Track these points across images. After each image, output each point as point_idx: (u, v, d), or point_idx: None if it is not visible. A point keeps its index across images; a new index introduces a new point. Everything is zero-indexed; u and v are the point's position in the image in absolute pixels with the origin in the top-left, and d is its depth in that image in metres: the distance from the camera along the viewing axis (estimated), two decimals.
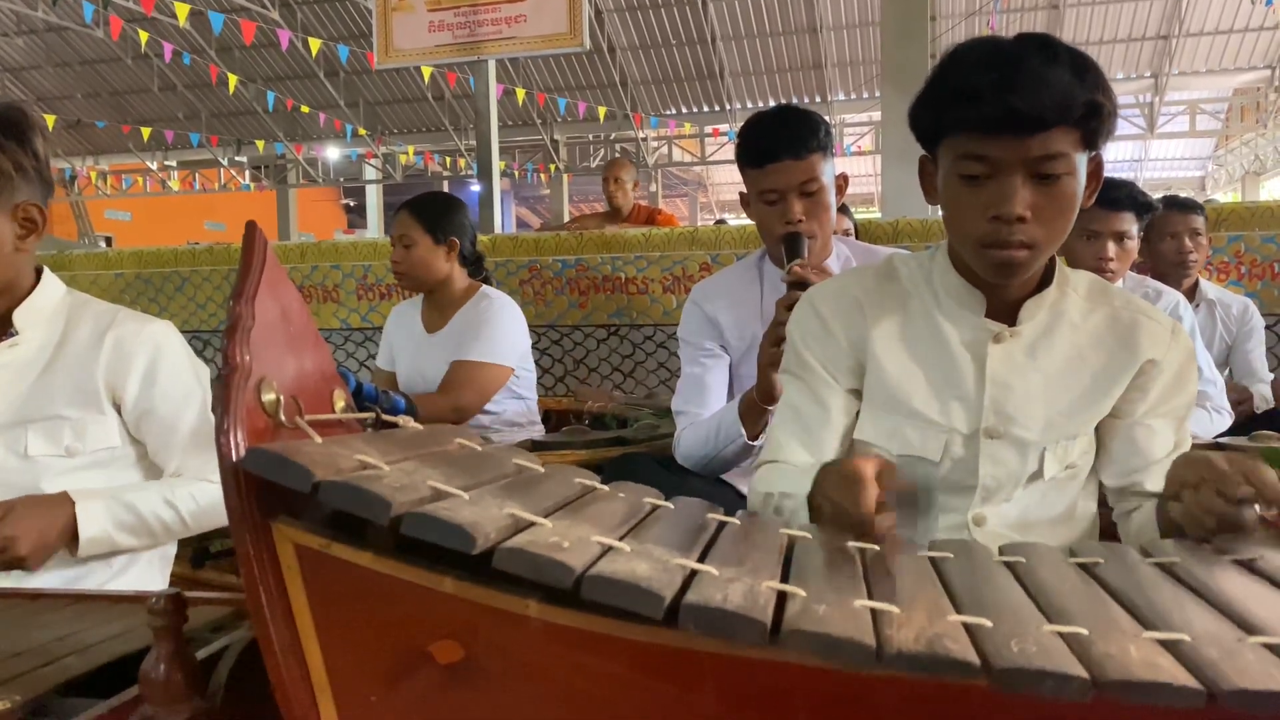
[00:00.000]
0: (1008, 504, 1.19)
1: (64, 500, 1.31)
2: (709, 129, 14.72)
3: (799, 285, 1.55)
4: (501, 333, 2.36)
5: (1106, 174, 1.14)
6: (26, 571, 1.26)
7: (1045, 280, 1.17)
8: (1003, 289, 1.15)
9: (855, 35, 12.59)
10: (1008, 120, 1.00)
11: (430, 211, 2.40)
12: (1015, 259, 1.07)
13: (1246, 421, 2.38)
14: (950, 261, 1.19)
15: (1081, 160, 1.06)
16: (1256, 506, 0.84)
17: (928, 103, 1.10)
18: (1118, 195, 2.21)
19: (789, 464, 1.20)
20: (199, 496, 1.41)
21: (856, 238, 2.69)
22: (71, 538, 1.31)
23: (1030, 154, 1.02)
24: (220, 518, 1.42)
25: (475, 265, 2.50)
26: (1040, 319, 1.17)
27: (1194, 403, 1.21)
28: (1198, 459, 0.93)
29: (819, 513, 0.97)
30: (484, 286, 2.49)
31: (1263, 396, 2.53)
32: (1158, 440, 1.18)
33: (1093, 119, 1.02)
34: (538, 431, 2.50)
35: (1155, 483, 1.16)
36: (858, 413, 1.23)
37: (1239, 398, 2.47)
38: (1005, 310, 1.17)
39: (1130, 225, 2.24)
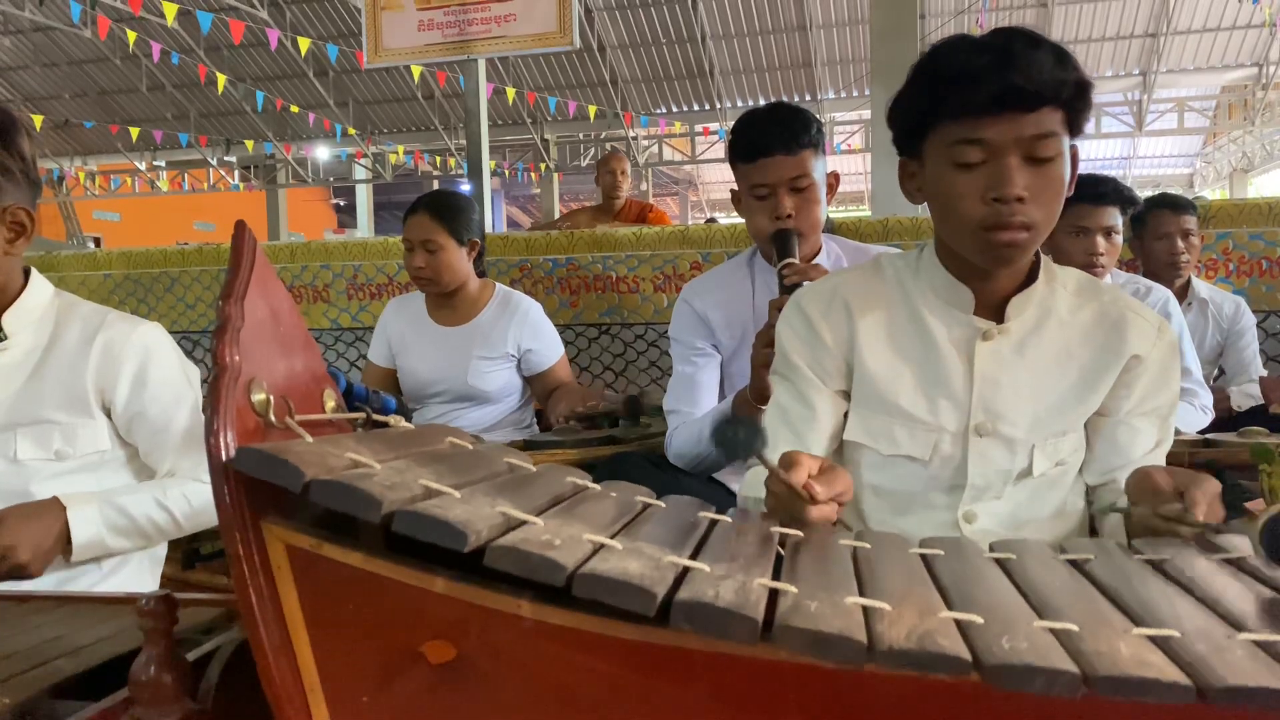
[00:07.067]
0: (998, 501, 1.19)
1: (55, 506, 1.30)
2: (699, 128, 14.72)
3: (793, 286, 1.55)
4: (553, 330, 2.52)
5: (1091, 170, 1.16)
6: (28, 579, 1.25)
7: (1031, 276, 1.17)
8: (991, 285, 1.16)
9: (845, 34, 12.60)
10: (1007, 97, 1.03)
11: (451, 213, 2.37)
12: (1016, 240, 1.08)
13: (1230, 420, 2.40)
14: (938, 259, 1.19)
15: (1067, 145, 1.08)
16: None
17: (913, 96, 1.11)
18: (1104, 190, 2.23)
19: None
20: (192, 497, 1.40)
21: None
22: (65, 543, 1.30)
23: (1025, 133, 1.04)
24: (214, 518, 1.41)
25: (479, 260, 2.52)
26: (1029, 315, 1.17)
27: (1177, 401, 1.22)
28: (1141, 475, 0.97)
29: (769, 505, 0.97)
30: (496, 283, 2.53)
31: (1246, 394, 2.54)
32: (1139, 440, 1.19)
33: (1079, 99, 1.06)
34: (531, 430, 2.50)
35: None
36: (846, 413, 1.24)
37: (1214, 400, 2.48)
38: (993, 307, 1.17)
39: (1116, 219, 2.27)
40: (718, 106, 13.85)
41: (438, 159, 15.40)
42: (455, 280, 2.40)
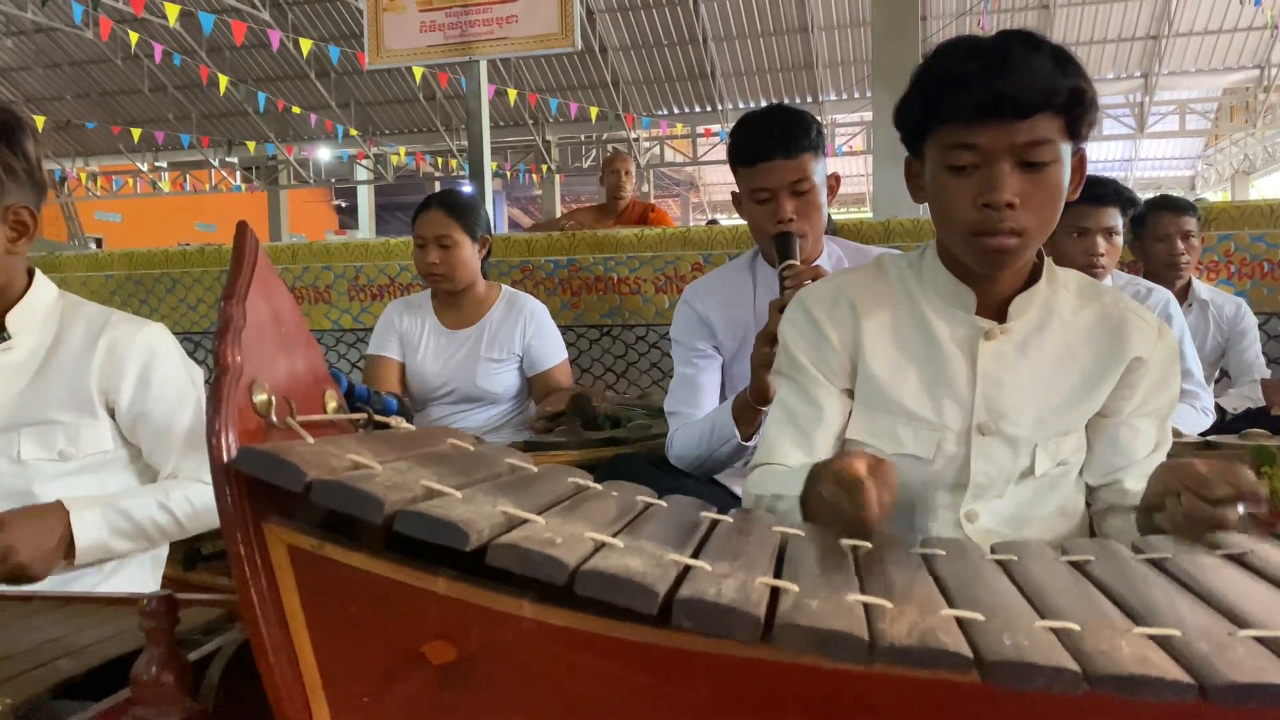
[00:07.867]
0: (1000, 500, 1.19)
1: (58, 509, 1.29)
2: (701, 129, 14.74)
3: (795, 287, 1.55)
4: (558, 333, 2.53)
5: (1093, 172, 1.16)
6: (30, 582, 1.24)
7: (1034, 277, 1.18)
8: (992, 285, 1.16)
9: (846, 35, 12.62)
10: (995, 105, 1.03)
11: (464, 209, 2.40)
12: (1006, 246, 1.08)
13: (1223, 423, 2.40)
14: (940, 259, 1.19)
15: (1066, 150, 1.08)
16: (1240, 506, 0.85)
17: (914, 97, 1.11)
18: (1103, 191, 2.23)
19: (781, 465, 1.21)
20: (194, 499, 1.40)
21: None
22: (68, 547, 1.29)
23: (1017, 140, 1.04)
24: (216, 519, 1.41)
25: (484, 260, 2.53)
26: (1031, 316, 1.17)
27: (1176, 401, 1.23)
28: (1179, 466, 0.95)
29: (812, 511, 0.97)
30: (501, 285, 2.56)
31: (1243, 395, 2.53)
32: (1140, 440, 1.19)
33: (1076, 106, 1.05)
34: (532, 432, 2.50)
35: (1135, 482, 1.17)
36: (850, 412, 1.24)
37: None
38: (995, 307, 1.17)
39: (1116, 220, 2.27)
40: (719, 108, 13.86)
41: (439, 160, 15.43)
42: (468, 277, 2.41)
